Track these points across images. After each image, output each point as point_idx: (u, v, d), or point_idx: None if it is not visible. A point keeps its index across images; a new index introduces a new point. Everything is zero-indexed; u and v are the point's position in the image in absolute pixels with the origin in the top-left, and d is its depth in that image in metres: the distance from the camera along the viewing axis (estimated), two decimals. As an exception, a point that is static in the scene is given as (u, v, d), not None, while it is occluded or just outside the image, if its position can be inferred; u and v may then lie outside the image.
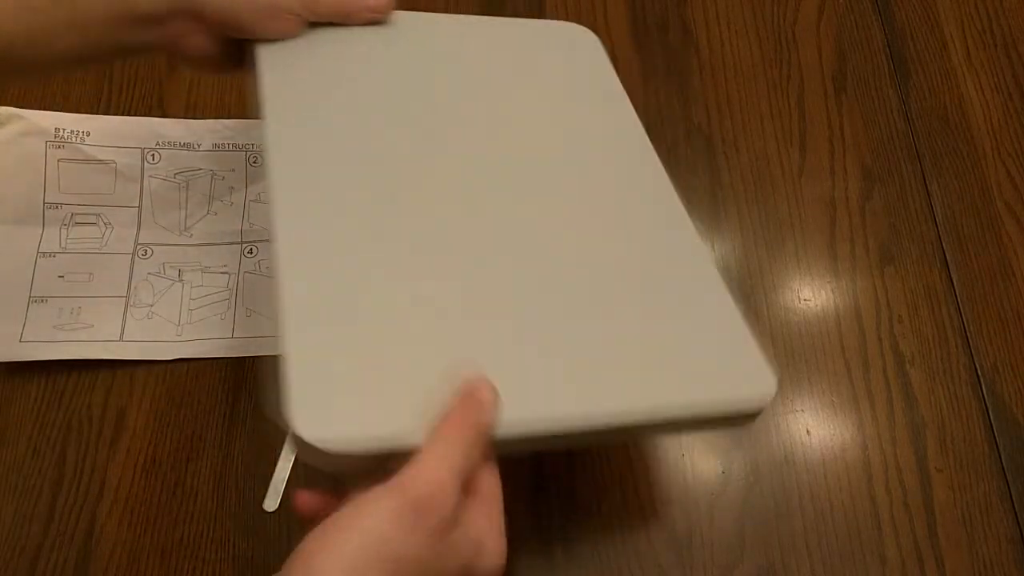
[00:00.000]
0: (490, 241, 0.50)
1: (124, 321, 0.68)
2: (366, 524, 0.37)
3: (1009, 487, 0.66)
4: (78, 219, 0.71)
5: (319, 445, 0.39)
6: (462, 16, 0.64)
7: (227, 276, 0.71)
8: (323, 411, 0.40)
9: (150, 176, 0.73)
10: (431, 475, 0.39)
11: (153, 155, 0.74)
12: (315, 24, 0.57)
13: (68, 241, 0.70)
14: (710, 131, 0.79)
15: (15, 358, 0.66)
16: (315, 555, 0.36)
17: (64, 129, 0.74)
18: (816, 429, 0.67)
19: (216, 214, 0.73)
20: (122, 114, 0.76)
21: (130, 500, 0.63)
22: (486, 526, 0.42)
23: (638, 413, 0.46)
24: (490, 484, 0.44)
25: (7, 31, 0.49)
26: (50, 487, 0.63)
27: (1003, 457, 0.67)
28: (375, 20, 0.59)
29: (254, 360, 0.67)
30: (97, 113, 0.76)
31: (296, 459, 0.63)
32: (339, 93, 0.54)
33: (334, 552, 0.36)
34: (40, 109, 0.75)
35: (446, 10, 0.84)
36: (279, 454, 0.63)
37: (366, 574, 0.36)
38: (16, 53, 0.50)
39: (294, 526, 0.62)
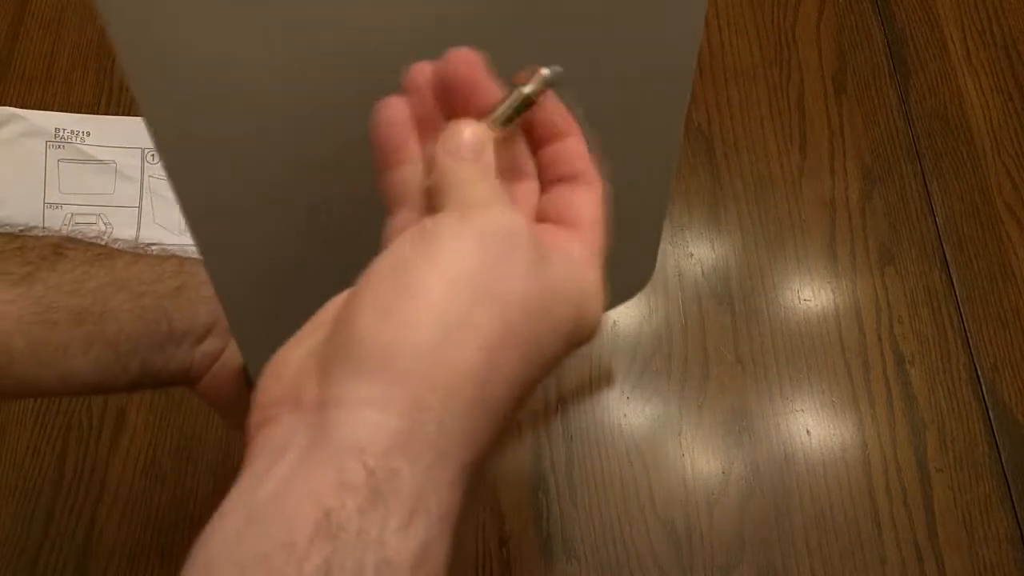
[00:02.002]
0: None
1: (124, 321, 0.68)
2: (445, 258, 0.27)
3: (1009, 487, 0.66)
4: (78, 219, 0.71)
5: None
6: None
7: (227, 276, 0.71)
8: None
9: (150, 176, 0.73)
10: (485, 195, 0.29)
11: (153, 155, 0.74)
12: None
13: (68, 241, 0.70)
14: (710, 131, 0.79)
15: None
16: (392, 301, 0.26)
17: (64, 129, 0.74)
18: (816, 429, 0.67)
19: (216, 214, 0.73)
20: (122, 114, 0.76)
21: (130, 500, 0.63)
22: (585, 259, 0.31)
23: None
24: (582, 204, 0.32)
25: (9, 347, 0.41)
26: (50, 487, 0.63)
27: (1003, 457, 0.67)
28: None
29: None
30: (97, 113, 0.76)
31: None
32: None
33: (419, 295, 0.26)
34: (40, 109, 0.75)
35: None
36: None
37: (471, 321, 0.26)
38: (15, 372, 0.41)
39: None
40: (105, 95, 0.78)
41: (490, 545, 0.63)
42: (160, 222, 0.72)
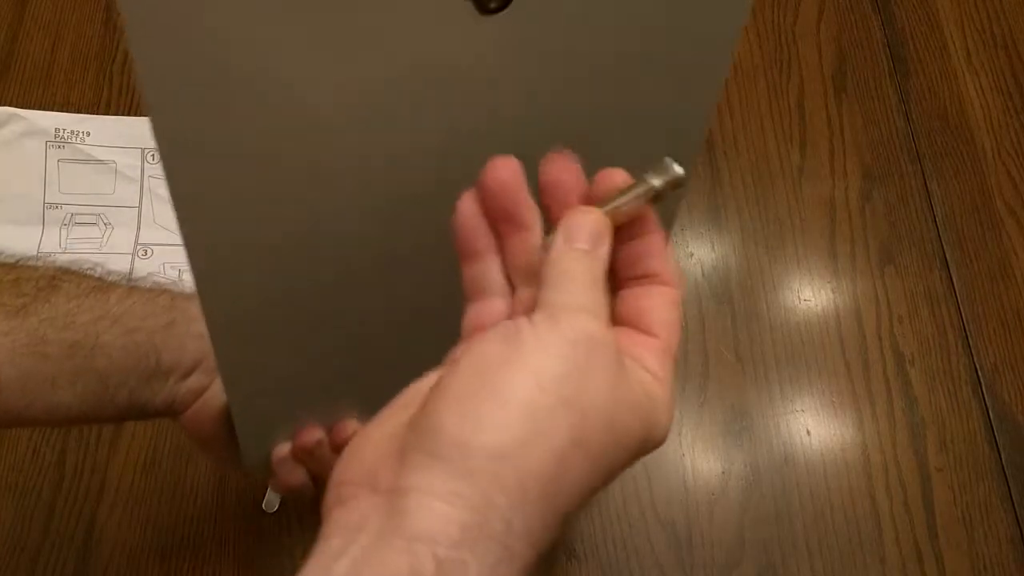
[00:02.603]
0: None
1: (124, 321, 0.68)
2: (534, 362, 0.28)
3: (1009, 487, 0.66)
4: (78, 219, 0.71)
5: None
6: None
7: (227, 276, 0.71)
8: None
9: (150, 176, 0.73)
10: (583, 300, 0.30)
11: (153, 155, 0.74)
12: None
13: (68, 241, 0.70)
14: (710, 131, 0.79)
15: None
16: (476, 402, 0.27)
17: (64, 129, 0.74)
18: (816, 429, 0.67)
19: (216, 214, 0.73)
20: (122, 114, 0.76)
21: (130, 500, 0.63)
22: (659, 370, 0.31)
23: None
24: (660, 308, 0.32)
25: None
26: (50, 487, 0.63)
27: (1003, 457, 0.67)
28: None
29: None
30: (97, 113, 0.76)
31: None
32: None
33: (505, 398, 0.27)
34: (40, 109, 0.75)
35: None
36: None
37: (549, 427, 0.27)
38: (2, 403, 0.42)
39: (294, 527, 0.62)
40: (105, 95, 0.78)
41: (490, 545, 0.63)
42: (160, 222, 0.72)
